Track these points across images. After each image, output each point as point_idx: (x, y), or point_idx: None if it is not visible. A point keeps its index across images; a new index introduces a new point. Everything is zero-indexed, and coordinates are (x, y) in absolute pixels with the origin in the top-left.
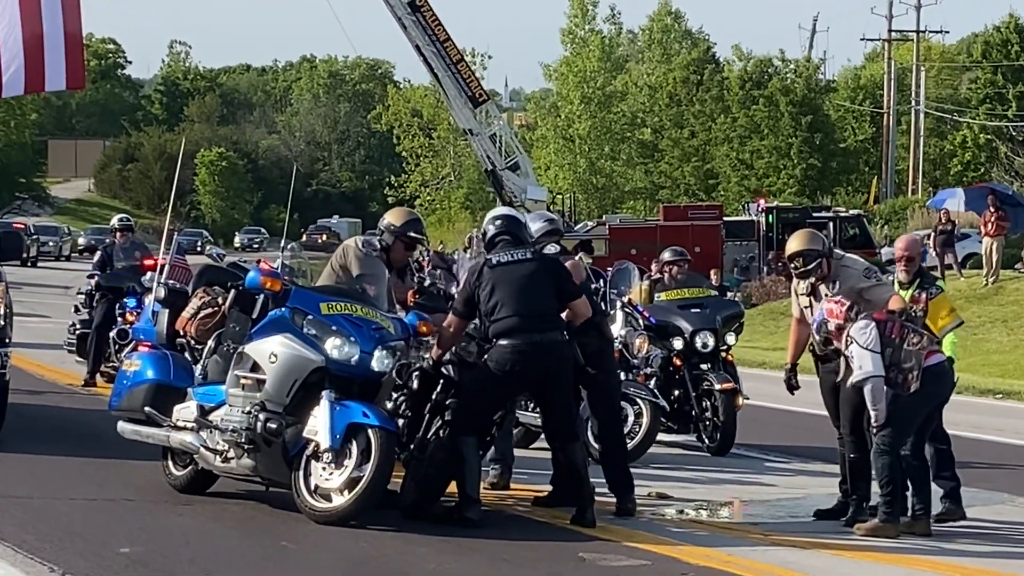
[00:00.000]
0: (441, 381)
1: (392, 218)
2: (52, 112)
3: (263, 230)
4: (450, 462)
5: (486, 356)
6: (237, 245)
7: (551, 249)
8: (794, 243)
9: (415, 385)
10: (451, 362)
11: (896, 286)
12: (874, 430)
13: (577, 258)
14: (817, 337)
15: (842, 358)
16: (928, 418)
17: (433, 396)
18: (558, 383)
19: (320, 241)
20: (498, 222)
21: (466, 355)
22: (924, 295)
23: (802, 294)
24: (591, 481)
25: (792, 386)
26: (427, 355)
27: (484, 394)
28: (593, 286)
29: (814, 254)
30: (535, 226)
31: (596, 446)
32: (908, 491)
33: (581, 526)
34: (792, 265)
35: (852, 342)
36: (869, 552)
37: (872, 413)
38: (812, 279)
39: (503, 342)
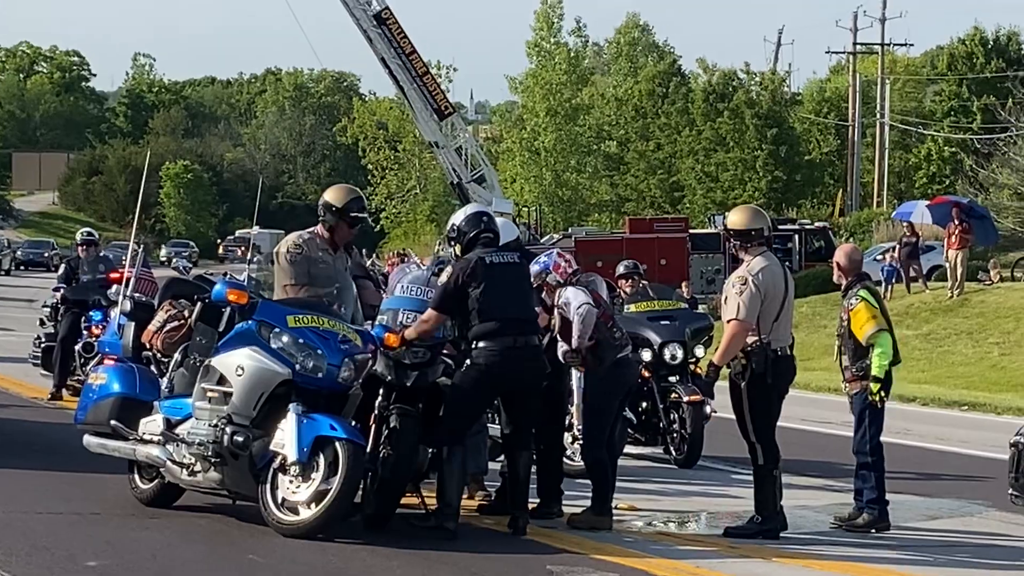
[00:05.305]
0: (381, 389)
1: (332, 198)
2: (16, 124)
3: (192, 243)
4: (405, 467)
5: (468, 362)
6: (163, 258)
7: None
8: (732, 217)
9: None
10: (389, 365)
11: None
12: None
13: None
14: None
15: None
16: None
17: (376, 404)
18: (532, 389)
19: (239, 254)
20: (483, 219)
21: (412, 356)
22: (845, 304)
23: None
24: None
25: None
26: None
27: (469, 399)
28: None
29: (725, 233)
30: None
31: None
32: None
33: (514, 532)
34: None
35: (569, 292)
36: (836, 563)
37: (577, 336)
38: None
39: (485, 344)
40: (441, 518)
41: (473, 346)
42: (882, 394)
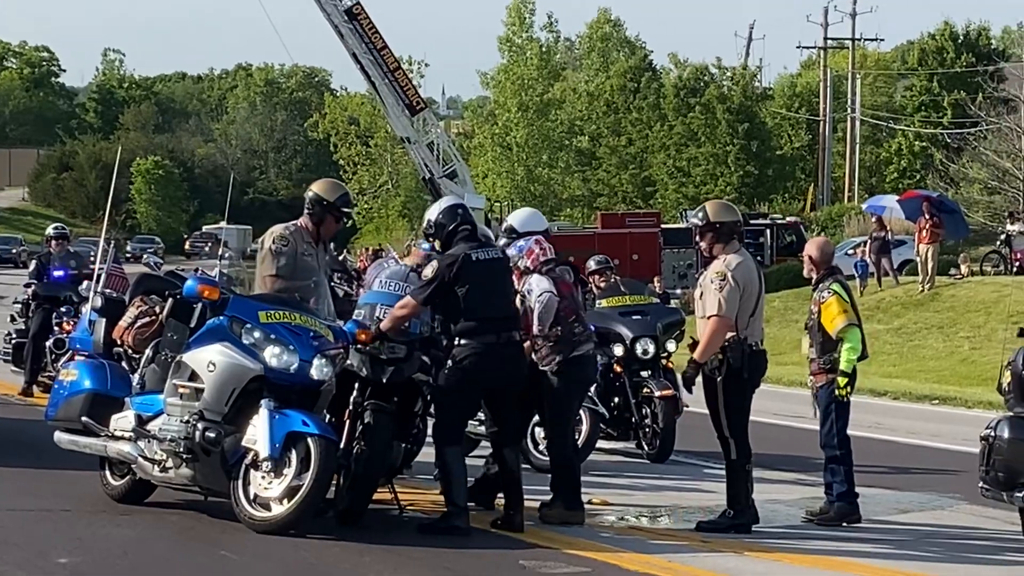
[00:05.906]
0: (356, 384)
1: (321, 191)
2: None
3: (157, 239)
4: (378, 463)
5: (451, 361)
6: (128, 253)
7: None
8: (713, 210)
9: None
10: (364, 361)
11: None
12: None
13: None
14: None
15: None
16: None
17: (351, 400)
18: (514, 385)
19: (206, 250)
20: (459, 211)
21: (388, 352)
22: (816, 297)
23: None
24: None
25: None
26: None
27: (455, 398)
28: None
29: (701, 227)
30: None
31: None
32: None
33: (510, 531)
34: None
35: (533, 280)
36: (808, 556)
37: (537, 323)
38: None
39: (467, 341)
40: (450, 519)
41: (456, 343)
42: (848, 389)
